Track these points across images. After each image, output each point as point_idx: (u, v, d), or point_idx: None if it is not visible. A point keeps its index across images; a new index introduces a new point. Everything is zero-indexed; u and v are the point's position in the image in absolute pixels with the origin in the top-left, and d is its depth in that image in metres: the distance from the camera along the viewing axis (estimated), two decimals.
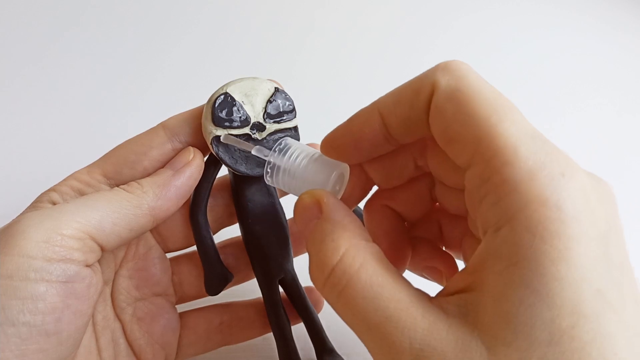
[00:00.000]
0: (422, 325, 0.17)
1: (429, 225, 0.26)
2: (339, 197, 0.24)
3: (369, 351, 0.18)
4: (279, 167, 0.23)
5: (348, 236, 0.19)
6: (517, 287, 0.16)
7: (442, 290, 0.19)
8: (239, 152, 0.25)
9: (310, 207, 0.21)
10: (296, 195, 0.23)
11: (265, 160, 0.24)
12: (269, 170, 0.23)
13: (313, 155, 0.23)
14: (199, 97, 0.26)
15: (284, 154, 0.23)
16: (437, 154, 0.22)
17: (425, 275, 0.26)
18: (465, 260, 0.25)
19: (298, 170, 0.23)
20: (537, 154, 0.16)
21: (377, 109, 0.21)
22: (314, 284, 0.20)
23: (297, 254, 0.30)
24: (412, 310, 0.17)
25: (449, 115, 0.18)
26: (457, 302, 0.17)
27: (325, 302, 0.31)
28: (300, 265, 0.29)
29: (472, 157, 0.17)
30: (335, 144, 0.22)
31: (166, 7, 0.54)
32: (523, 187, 0.16)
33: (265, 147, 0.25)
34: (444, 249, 0.27)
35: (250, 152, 0.24)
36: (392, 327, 0.17)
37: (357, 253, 0.19)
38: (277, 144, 0.24)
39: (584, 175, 0.17)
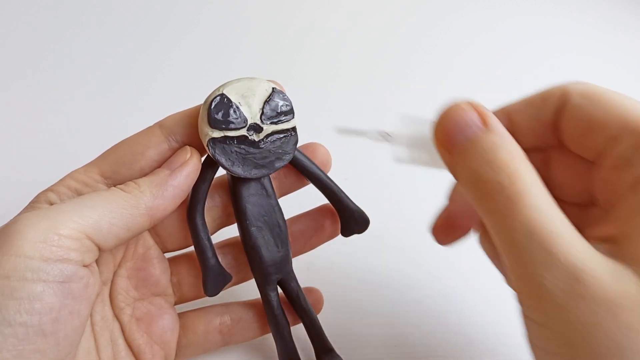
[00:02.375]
0: (582, 248, 0.17)
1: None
2: None
3: (512, 265, 0.18)
4: (407, 146, 0.23)
5: (522, 153, 0.19)
6: None
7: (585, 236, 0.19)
8: (236, 154, 0.25)
9: (469, 113, 0.20)
10: (433, 167, 0.23)
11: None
12: (398, 153, 0.23)
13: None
14: (197, 97, 0.26)
15: (407, 131, 0.23)
16: (562, 160, 0.24)
17: None
18: None
19: (426, 145, 0.22)
20: None
21: (506, 113, 0.23)
22: (469, 187, 0.19)
23: (296, 254, 0.29)
24: (574, 233, 0.18)
25: (588, 108, 0.21)
26: (604, 247, 0.18)
27: (324, 302, 0.31)
28: (299, 265, 0.29)
29: (618, 133, 0.20)
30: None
31: (165, 7, 0.54)
32: None
33: (260, 158, 0.25)
34: None
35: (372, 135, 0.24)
36: (556, 240, 0.17)
37: (531, 170, 0.19)
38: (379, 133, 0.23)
39: None
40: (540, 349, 0.19)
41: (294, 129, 0.26)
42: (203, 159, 0.26)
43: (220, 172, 0.27)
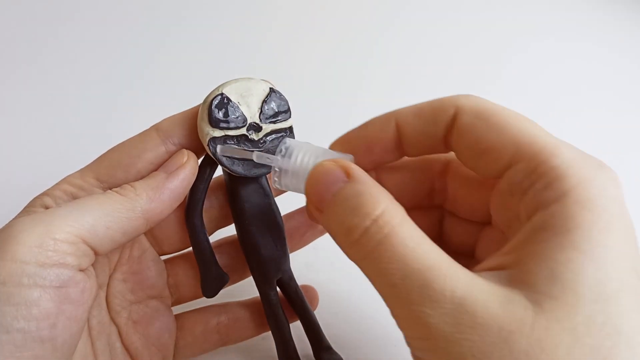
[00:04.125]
0: (464, 278, 0.17)
1: (430, 218, 0.27)
2: None
3: (393, 306, 0.18)
4: (286, 171, 0.23)
5: (385, 196, 0.19)
6: (566, 249, 0.17)
7: (476, 267, 0.19)
8: None
9: (333, 171, 0.20)
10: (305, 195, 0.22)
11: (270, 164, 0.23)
12: (276, 178, 0.23)
13: (319, 153, 0.22)
14: (192, 100, 0.26)
15: (289, 157, 0.23)
16: (457, 174, 0.24)
17: None
18: None
19: (307, 172, 0.22)
20: (574, 151, 0.19)
21: (394, 118, 0.22)
22: (339, 241, 0.19)
23: (291, 250, 0.29)
24: (453, 264, 0.18)
25: (480, 129, 0.20)
26: (493, 274, 0.18)
27: (320, 300, 0.31)
28: (299, 265, 0.29)
29: (512, 157, 0.19)
30: (348, 148, 0.23)
31: (162, 8, 0.54)
32: (571, 171, 0.18)
33: (263, 150, 0.25)
34: None
35: (252, 159, 0.24)
36: (434, 275, 0.17)
37: (397, 210, 0.19)
38: (279, 147, 0.23)
39: (613, 171, 0.19)
40: None
41: (290, 127, 0.26)
42: (200, 160, 0.26)
43: (217, 172, 0.27)
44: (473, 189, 0.24)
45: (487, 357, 0.16)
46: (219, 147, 0.24)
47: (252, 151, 0.24)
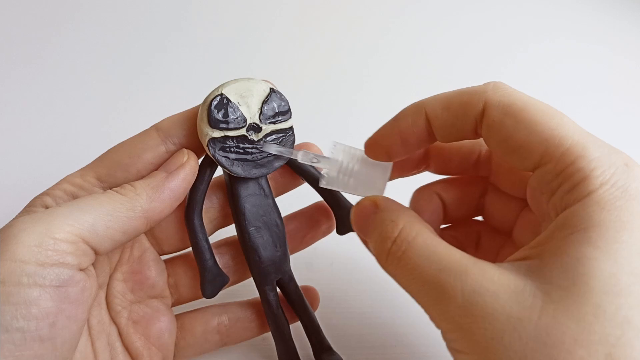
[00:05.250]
0: (473, 271, 0.19)
1: (469, 232, 0.29)
2: (387, 183, 0.26)
3: (425, 308, 0.20)
4: (333, 172, 0.25)
5: (404, 217, 0.22)
6: (581, 246, 0.18)
7: (506, 259, 0.20)
8: (236, 154, 0.25)
9: (368, 207, 0.24)
10: (351, 193, 0.26)
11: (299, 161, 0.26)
12: (324, 177, 0.26)
13: (361, 157, 0.25)
14: (193, 99, 0.26)
15: (336, 159, 0.25)
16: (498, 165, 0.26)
17: None
18: None
19: (353, 173, 0.25)
20: (602, 148, 0.19)
21: (424, 110, 0.23)
22: (378, 260, 0.22)
23: (292, 252, 0.29)
24: (464, 260, 0.19)
25: (509, 126, 0.20)
26: (514, 264, 0.19)
27: (321, 301, 0.31)
28: (299, 265, 0.29)
29: (541, 158, 0.20)
30: (382, 143, 0.24)
31: (163, 8, 0.54)
32: (595, 173, 0.18)
33: (258, 158, 0.26)
34: None
35: (297, 158, 0.26)
36: (445, 276, 0.19)
37: (412, 225, 0.22)
38: (330, 149, 0.25)
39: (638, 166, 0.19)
40: None
41: (291, 128, 0.26)
42: (200, 160, 0.26)
43: (218, 172, 0.27)
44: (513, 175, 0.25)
45: (497, 342, 0.17)
46: (265, 145, 0.26)
47: (297, 151, 0.26)
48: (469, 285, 0.18)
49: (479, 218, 0.29)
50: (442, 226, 0.29)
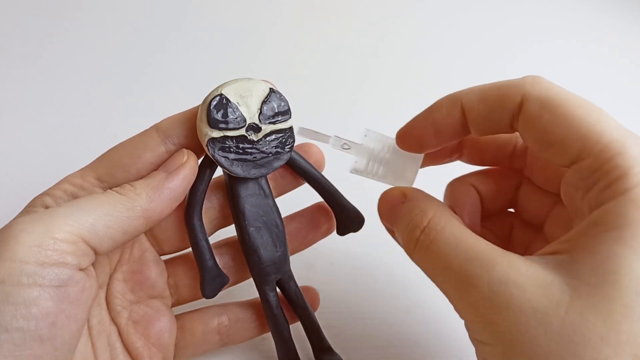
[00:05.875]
0: (500, 262, 0.19)
1: (502, 224, 0.28)
2: (417, 174, 0.26)
3: (450, 298, 0.20)
4: (364, 159, 0.26)
5: (433, 206, 0.22)
6: (613, 243, 0.17)
7: (536, 252, 0.20)
8: (235, 154, 0.25)
9: (396, 196, 0.24)
10: (380, 182, 0.26)
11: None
12: (355, 164, 0.26)
13: (393, 146, 0.25)
14: (193, 99, 0.26)
15: (368, 147, 0.25)
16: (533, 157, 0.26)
17: None
18: None
19: (383, 161, 0.25)
20: None
21: (459, 101, 0.22)
22: (406, 249, 0.22)
23: (293, 252, 0.29)
24: (491, 251, 0.19)
25: (547, 121, 0.20)
26: (543, 258, 0.19)
27: (321, 301, 0.31)
28: (299, 265, 0.29)
29: (578, 153, 0.19)
30: (415, 134, 0.24)
31: (163, 8, 0.54)
32: (633, 171, 0.18)
33: (259, 157, 0.25)
34: None
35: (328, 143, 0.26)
36: (472, 266, 0.19)
37: (442, 215, 0.22)
38: (362, 136, 0.25)
39: None
40: None
41: (290, 128, 0.26)
42: (200, 160, 0.26)
43: (217, 172, 0.27)
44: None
45: (523, 336, 0.17)
46: (298, 130, 0.26)
47: (329, 136, 0.26)
48: (496, 275, 0.18)
49: (511, 210, 0.29)
50: None
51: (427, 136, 0.24)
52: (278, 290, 0.29)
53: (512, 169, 0.27)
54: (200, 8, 0.55)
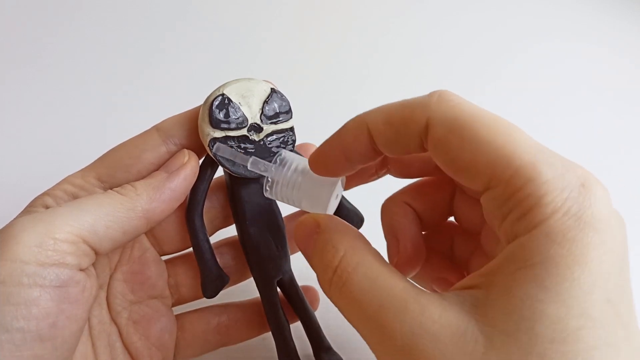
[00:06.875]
0: (413, 308, 0.17)
1: (442, 239, 0.27)
2: (338, 199, 0.25)
3: (369, 345, 0.19)
4: (277, 182, 0.24)
5: (345, 240, 0.20)
6: (528, 284, 0.16)
7: (455, 285, 0.19)
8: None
9: (308, 225, 0.22)
10: (295, 207, 0.24)
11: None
12: (267, 187, 0.24)
13: (306, 170, 0.24)
14: (193, 98, 0.26)
15: (282, 169, 0.24)
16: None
17: (435, 288, 0.27)
18: None
19: (295, 185, 0.23)
20: (555, 167, 0.17)
21: (365, 125, 0.21)
22: (322, 288, 0.21)
23: (293, 252, 0.29)
24: (404, 295, 0.18)
25: (455, 146, 0.18)
26: (459, 294, 0.18)
27: (321, 301, 0.31)
28: (299, 265, 0.29)
29: (489, 181, 0.18)
30: (325, 160, 0.22)
31: (163, 8, 0.54)
32: (545, 200, 0.16)
33: (260, 156, 0.25)
34: None
35: (247, 165, 0.24)
36: (385, 314, 0.18)
37: (354, 253, 0.20)
38: (274, 158, 0.24)
39: (601, 186, 0.17)
40: None
41: (291, 128, 0.26)
42: (201, 160, 0.26)
43: (218, 172, 0.27)
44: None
45: None
46: (215, 146, 0.24)
47: (248, 157, 0.24)
48: (408, 325, 0.17)
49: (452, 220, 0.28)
50: None
51: (338, 161, 0.22)
52: (278, 290, 0.29)
53: (444, 178, 0.26)
54: (200, 8, 0.55)
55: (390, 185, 0.27)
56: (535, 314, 0.16)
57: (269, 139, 0.26)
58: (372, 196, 0.28)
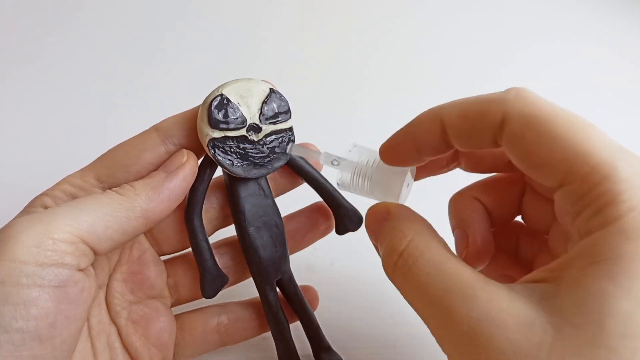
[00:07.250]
0: (481, 295, 0.18)
1: (508, 237, 0.28)
2: (410, 188, 0.26)
3: (429, 328, 0.19)
4: (349, 174, 0.25)
5: (414, 227, 0.21)
6: (600, 279, 0.16)
7: (523, 277, 0.19)
8: (236, 154, 0.25)
9: (380, 212, 0.23)
10: (368, 197, 0.25)
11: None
12: (339, 181, 0.26)
13: (379, 160, 0.25)
14: (192, 98, 0.26)
15: (353, 161, 0.25)
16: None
17: None
18: None
19: (367, 176, 0.25)
20: (632, 166, 0.17)
21: (439, 117, 0.21)
22: (385, 271, 0.21)
23: (292, 252, 0.29)
24: (472, 282, 0.18)
25: (531, 141, 0.18)
26: (526, 286, 0.18)
27: (320, 301, 0.31)
28: (299, 265, 0.29)
29: (564, 177, 0.18)
30: (396, 150, 0.23)
31: (161, 9, 0.54)
32: (622, 197, 0.16)
33: (260, 156, 0.25)
34: None
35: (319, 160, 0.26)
36: (451, 298, 0.18)
37: (421, 239, 0.20)
38: (347, 151, 0.25)
39: None
40: None
41: (290, 128, 0.26)
42: (200, 160, 0.26)
43: (217, 172, 0.27)
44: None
45: None
46: (289, 147, 0.26)
47: (319, 152, 0.26)
48: (476, 311, 0.17)
49: (519, 220, 0.28)
50: None
51: (409, 152, 0.22)
52: (278, 289, 0.29)
53: (515, 176, 0.26)
54: (200, 8, 0.55)
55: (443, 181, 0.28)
56: (606, 309, 0.16)
57: (268, 139, 0.26)
58: (437, 190, 0.28)
